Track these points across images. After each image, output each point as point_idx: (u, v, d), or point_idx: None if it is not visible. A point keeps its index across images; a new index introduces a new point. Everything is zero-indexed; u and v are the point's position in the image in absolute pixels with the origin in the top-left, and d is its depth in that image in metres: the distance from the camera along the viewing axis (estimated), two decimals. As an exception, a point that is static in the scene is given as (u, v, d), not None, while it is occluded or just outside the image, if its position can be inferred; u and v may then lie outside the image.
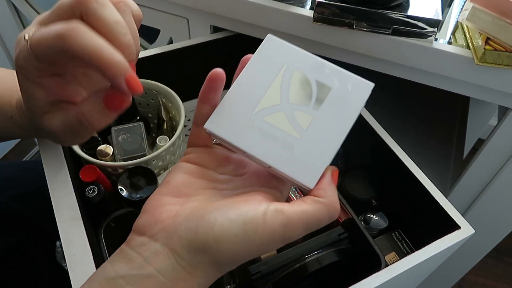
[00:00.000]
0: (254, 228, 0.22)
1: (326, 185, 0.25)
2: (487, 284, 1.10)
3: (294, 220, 0.23)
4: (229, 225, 0.22)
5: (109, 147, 0.47)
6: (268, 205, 0.24)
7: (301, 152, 0.25)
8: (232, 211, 0.23)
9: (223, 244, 0.22)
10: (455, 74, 0.47)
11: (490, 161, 0.55)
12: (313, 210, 0.24)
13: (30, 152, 1.30)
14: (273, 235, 0.23)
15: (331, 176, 0.26)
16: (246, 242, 0.22)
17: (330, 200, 0.24)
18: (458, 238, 0.37)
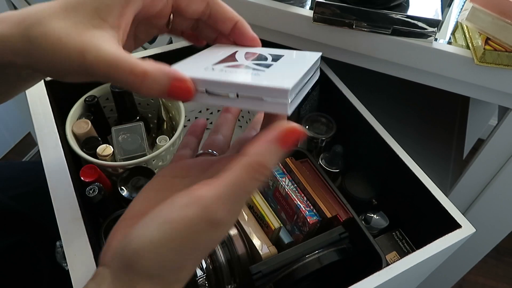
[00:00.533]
0: (170, 226, 0.20)
1: (261, 140, 0.20)
2: (487, 284, 1.10)
3: (213, 200, 0.20)
4: (144, 232, 0.20)
5: (109, 147, 0.47)
6: (188, 194, 0.20)
7: (269, 74, 0.24)
8: (148, 215, 0.21)
9: (143, 254, 0.20)
10: (455, 74, 0.47)
11: (490, 161, 0.55)
12: (234, 177, 0.20)
13: (30, 152, 1.30)
14: (193, 226, 0.20)
15: (279, 133, 0.20)
16: (166, 243, 0.20)
17: (252, 158, 0.20)
18: (459, 237, 0.37)
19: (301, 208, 0.41)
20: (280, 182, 0.43)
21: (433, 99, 0.80)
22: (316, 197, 0.42)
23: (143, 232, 0.20)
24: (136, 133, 0.49)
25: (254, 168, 0.20)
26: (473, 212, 0.62)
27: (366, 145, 0.49)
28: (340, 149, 0.49)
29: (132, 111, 0.54)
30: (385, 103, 0.76)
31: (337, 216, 0.41)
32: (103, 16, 0.24)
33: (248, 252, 0.40)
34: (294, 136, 0.21)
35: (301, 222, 0.41)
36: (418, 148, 0.71)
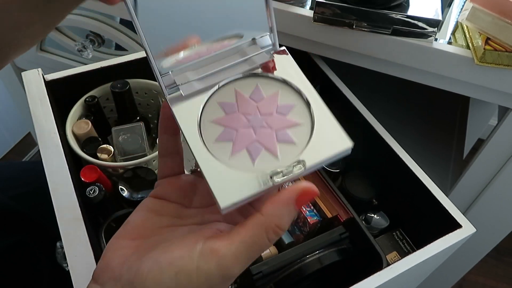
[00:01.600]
0: (187, 278, 0.20)
1: (279, 202, 0.21)
2: (488, 284, 1.10)
3: (229, 257, 0.21)
4: (160, 277, 0.21)
5: (109, 147, 0.47)
6: (203, 244, 0.21)
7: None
8: (163, 259, 0.21)
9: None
10: (455, 74, 0.47)
11: (490, 161, 0.55)
12: (251, 236, 0.21)
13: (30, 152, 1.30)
14: (209, 280, 0.21)
15: (295, 195, 0.21)
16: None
17: (270, 220, 0.21)
18: (459, 237, 0.37)
19: (302, 208, 0.41)
20: (280, 182, 0.43)
21: (433, 99, 0.80)
22: (317, 197, 0.42)
23: (160, 277, 0.21)
24: (136, 133, 0.49)
25: (272, 229, 0.21)
26: (473, 212, 0.62)
27: (366, 145, 0.49)
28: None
29: (132, 111, 0.54)
30: (385, 103, 0.76)
31: (338, 216, 0.42)
32: None
33: (249, 252, 0.40)
34: (309, 196, 0.22)
35: (302, 222, 0.41)
36: (418, 148, 0.71)
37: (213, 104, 0.24)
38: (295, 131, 0.23)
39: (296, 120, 0.23)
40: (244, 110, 0.24)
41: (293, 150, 0.22)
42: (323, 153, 0.22)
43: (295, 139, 0.23)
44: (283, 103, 0.24)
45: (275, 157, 0.22)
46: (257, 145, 0.23)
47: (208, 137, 0.23)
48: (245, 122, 0.23)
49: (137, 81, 0.52)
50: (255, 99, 0.24)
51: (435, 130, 0.75)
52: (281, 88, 0.25)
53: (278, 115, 0.24)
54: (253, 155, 0.22)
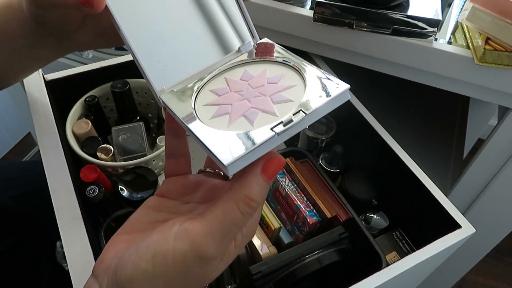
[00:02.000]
0: (163, 259, 0.20)
1: (245, 173, 0.21)
2: (487, 284, 1.10)
3: (202, 235, 0.20)
4: (138, 262, 0.21)
5: (109, 147, 0.47)
6: (179, 227, 0.21)
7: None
8: (142, 244, 0.21)
9: (135, 284, 0.21)
10: (455, 74, 0.47)
11: (490, 161, 0.55)
12: (222, 211, 0.20)
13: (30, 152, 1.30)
14: (185, 261, 0.20)
15: (261, 163, 0.21)
16: (159, 276, 0.20)
17: (238, 192, 0.20)
18: (459, 237, 0.37)
19: (301, 208, 0.41)
20: (280, 182, 0.43)
21: (433, 99, 0.80)
22: (316, 197, 0.42)
23: (137, 262, 0.21)
24: (136, 133, 0.49)
25: (242, 200, 0.21)
26: (473, 212, 0.62)
27: (366, 145, 0.49)
28: (340, 149, 0.49)
29: (132, 111, 0.54)
30: (385, 103, 0.76)
31: (337, 216, 0.42)
32: None
33: (248, 252, 0.40)
34: (276, 165, 0.21)
35: (301, 222, 0.41)
36: (418, 148, 0.71)
37: (205, 93, 0.25)
38: (290, 92, 0.23)
39: (288, 84, 0.24)
40: (236, 89, 0.24)
41: (291, 106, 0.22)
42: (321, 99, 0.22)
43: (291, 98, 0.23)
44: (272, 75, 0.24)
45: (274, 114, 0.22)
46: (253, 110, 0.23)
47: (204, 116, 0.23)
48: (239, 97, 0.24)
49: (137, 81, 0.52)
50: (245, 79, 0.25)
51: (435, 130, 0.75)
52: (269, 66, 0.25)
53: (269, 84, 0.24)
54: (251, 118, 0.22)
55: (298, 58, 0.25)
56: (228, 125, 0.23)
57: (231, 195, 0.21)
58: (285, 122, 0.21)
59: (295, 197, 0.42)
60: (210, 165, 0.28)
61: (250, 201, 0.21)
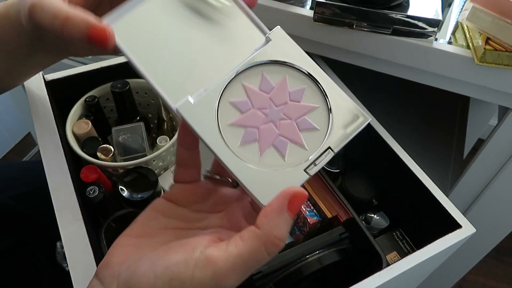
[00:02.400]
0: (181, 285, 0.20)
1: (272, 212, 0.21)
2: (488, 284, 1.10)
3: (225, 270, 0.20)
4: (155, 282, 0.21)
5: (109, 147, 0.47)
6: (200, 253, 0.21)
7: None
8: (160, 262, 0.21)
9: None
10: (455, 74, 0.47)
11: (490, 161, 0.55)
12: (249, 250, 0.20)
13: (30, 152, 1.30)
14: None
15: (286, 201, 0.21)
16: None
17: (267, 233, 0.20)
18: (459, 237, 0.37)
19: (302, 208, 0.41)
20: (280, 182, 0.43)
21: (433, 99, 0.80)
22: (317, 197, 0.42)
23: (154, 282, 0.21)
24: (137, 133, 0.49)
25: (271, 242, 0.20)
26: (473, 212, 0.62)
27: (366, 145, 0.49)
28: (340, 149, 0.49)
29: (132, 111, 0.54)
30: (385, 103, 0.76)
31: (338, 216, 0.41)
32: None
33: (249, 252, 0.40)
34: (301, 200, 0.21)
35: (302, 222, 0.41)
36: (419, 148, 0.71)
37: (225, 105, 0.24)
38: (314, 115, 0.24)
39: (311, 104, 0.24)
40: (259, 105, 0.24)
41: (317, 136, 0.23)
42: (346, 134, 0.23)
43: (316, 125, 0.23)
44: (293, 88, 0.24)
45: (302, 146, 0.23)
46: (282, 139, 0.23)
47: (232, 142, 0.23)
48: (264, 118, 0.24)
49: (137, 81, 0.52)
50: (265, 90, 0.24)
51: (435, 130, 0.75)
52: (287, 72, 0.25)
53: (292, 102, 0.24)
54: (281, 150, 0.23)
55: (316, 67, 0.25)
56: (260, 158, 0.23)
57: (259, 235, 0.20)
58: (317, 163, 0.22)
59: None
60: (218, 171, 0.28)
61: (279, 242, 0.21)
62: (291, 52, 0.25)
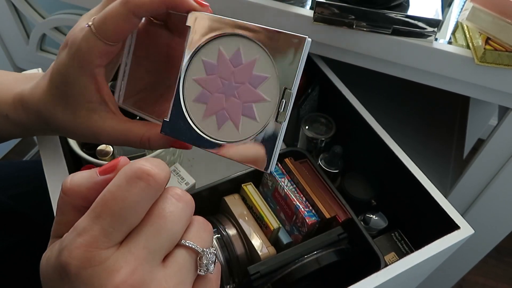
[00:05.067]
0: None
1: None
2: (487, 284, 1.10)
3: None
4: None
5: (108, 147, 0.47)
6: None
7: None
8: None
9: None
10: (455, 74, 0.47)
11: (490, 161, 0.55)
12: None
13: (30, 152, 1.30)
14: None
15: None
16: None
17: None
18: (457, 238, 0.37)
19: (300, 209, 0.41)
20: (279, 183, 0.43)
21: (433, 99, 0.79)
22: (315, 198, 0.42)
23: None
24: (136, 133, 0.49)
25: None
26: (473, 212, 0.62)
27: (365, 146, 0.49)
28: (339, 149, 0.49)
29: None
30: (385, 103, 0.76)
31: (336, 216, 0.41)
32: (87, 99, 0.28)
33: (247, 252, 0.40)
34: None
35: (300, 223, 0.41)
36: (418, 148, 0.71)
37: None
38: (260, 67, 0.25)
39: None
40: (222, 74, 0.26)
41: (272, 83, 0.24)
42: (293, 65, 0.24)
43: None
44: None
45: (264, 101, 0.24)
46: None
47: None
48: (220, 87, 0.26)
49: (136, 81, 0.52)
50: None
51: (435, 130, 0.75)
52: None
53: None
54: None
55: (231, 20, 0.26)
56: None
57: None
58: (281, 110, 0.24)
59: (294, 198, 0.42)
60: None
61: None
62: (212, 24, 0.26)
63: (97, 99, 0.28)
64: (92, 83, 0.28)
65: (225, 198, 0.43)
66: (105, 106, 0.29)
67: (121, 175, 0.19)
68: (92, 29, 0.26)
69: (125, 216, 0.18)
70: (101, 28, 0.26)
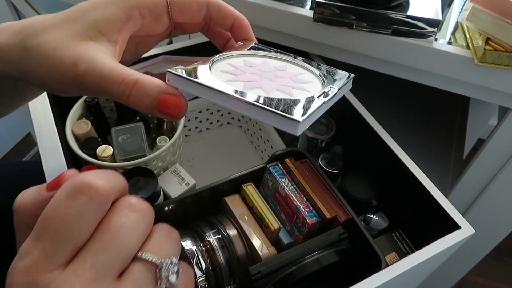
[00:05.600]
0: None
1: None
2: (487, 284, 1.10)
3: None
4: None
5: (109, 148, 0.47)
6: None
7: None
8: None
9: None
10: (455, 74, 0.47)
11: (490, 161, 0.55)
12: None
13: (30, 152, 1.30)
14: None
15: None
16: None
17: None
18: (458, 238, 0.37)
19: (301, 209, 0.41)
20: (279, 183, 0.43)
21: (433, 99, 0.79)
22: (316, 198, 0.42)
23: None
24: (136, 133, 0.49)
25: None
26: (473, 212, 0.62)
27: (365, 146, 0.49)
28: (339, 149, 0.49)
29: (132, 112, 0.54)
30: (385, 103, 0.76)
31: (337, 216, 0.41)
32: (101, 29, 0.24)
33: (248, 252, 0.40)
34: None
35: (301, 223, 0.41)
36: (418, 148, 0.71)
37: (239, 58, 0.25)
38: (304, 77, 0.25)
39: (305, 87, 0.24)
40: (262, 68, 0.25)
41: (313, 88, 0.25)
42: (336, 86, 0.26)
43: (310, 80, 0.24)
44: (301, 77, 0.25)
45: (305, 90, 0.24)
46: (283, 87, 0.23)
47: (217, 68, 0.24)
48: (256, 72, 0.24)
49: (136, 81, 0.52)
50: (277, 68, 0.25)
51: (435, 130, 0.75)
52: (308, 72, 0.26)
53: (290, 80, 0.24)
54: (287, 91, 0.23)
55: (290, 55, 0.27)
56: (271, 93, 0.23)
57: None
58: (327, 92, 0.23)
59: (294, 198, 0.42)
60: None
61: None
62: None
63: (111, 37, 0.24)
64: (122, 20, 0.24)
65: (225, 199, 0.43)
66: (112, 45, 0.24)
67: (61, 190, 0.17)
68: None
69: (67, 234, 0.17)
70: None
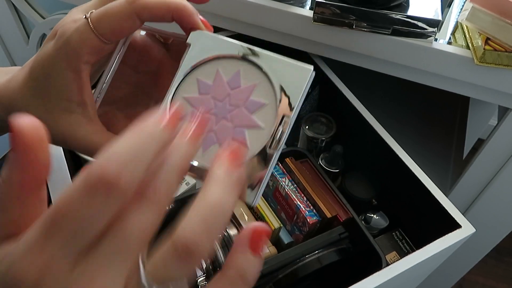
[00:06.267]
0: None
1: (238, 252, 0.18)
2: (487, 284, 1.10)
3: None
4: None
5: (109, 147, 0.47)
6: None
7: None
8: None
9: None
10: (455, 74, 0.47)
11: (490, 161, 0.55)
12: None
13: (30, 153, 1.29)
14: None
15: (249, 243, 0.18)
16: None
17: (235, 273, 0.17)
18: (459, 237, 0.37)
19: (301, 208, 0.41)
20: (280, 182, 0.43)
21: (433, 99, 0.80)
22: (316, 197, 0.42)
23: None
24: (136, 133, 0.49)
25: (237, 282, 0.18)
26: (473, 212, 0.62)
27: (366, 145, 0.49)
28: (340, 149, 0.49)
29: (132, 111, 0.54)
30: (385, 103, 0.76)
31: (337, 216, 0.42)
32: (66, 96, 0.26)
33: (248, 252, 0.40)
34: (262, 238, 0.18)
35: (301, 222, 0.41)
36: (418, 148, 0.71)
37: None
38: (258, 92, 0.23)
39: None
40: (216, 95, 0.24)
41: (269, 110, 0.23)
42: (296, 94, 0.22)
43: (264, 100, 0.23)
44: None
45: (259, 128, 0.22)
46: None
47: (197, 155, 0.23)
48: (212, 108, 0.24)
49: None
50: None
51: (435, 130, 0.75)
52: (219, 65, 0.24)
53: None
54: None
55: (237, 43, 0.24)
56: None
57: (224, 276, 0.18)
58: (276, 138, 0.22)
59: (295, 197, 0.42)
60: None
61: (245, 281, 0.18)
62: (214, 45, 0.25)
63: (77, 99, 0.26)
64: (75, 79, 0.25)
65: (225, 198, 0.43)
66: (83, 109, 0.26)
67: (78, 183, 0.15)
68: (89, 21, 0.24)
69: (82, 234, 0.15)
70: (99, 23, 0.24)
